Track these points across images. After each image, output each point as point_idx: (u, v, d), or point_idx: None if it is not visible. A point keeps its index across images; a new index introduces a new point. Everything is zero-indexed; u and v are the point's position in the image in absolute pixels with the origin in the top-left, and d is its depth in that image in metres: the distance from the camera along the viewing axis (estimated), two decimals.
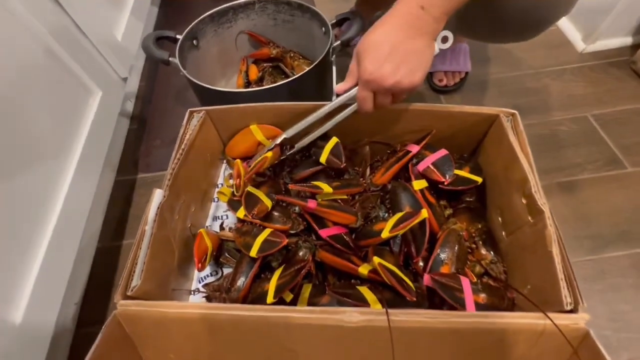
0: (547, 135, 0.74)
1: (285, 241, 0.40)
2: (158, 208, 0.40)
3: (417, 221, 0.38)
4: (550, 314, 0.31)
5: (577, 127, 0.74)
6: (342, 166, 0.47)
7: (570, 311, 0.32)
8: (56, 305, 0.48)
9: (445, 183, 0.44)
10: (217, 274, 0.50)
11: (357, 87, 0.42)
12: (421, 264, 0.41)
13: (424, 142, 0.48)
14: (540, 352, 0.33)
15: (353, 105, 0.45)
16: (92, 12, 0.64)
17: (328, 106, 0.47)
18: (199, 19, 0.72)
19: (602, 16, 0.80)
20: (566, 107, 0.77)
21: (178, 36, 0.68)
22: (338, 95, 0.45)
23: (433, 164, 0.45)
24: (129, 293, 0.35)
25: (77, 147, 0.56)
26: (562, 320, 0.31)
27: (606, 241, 0.59)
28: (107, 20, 0.70)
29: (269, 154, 0.49)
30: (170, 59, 0.65)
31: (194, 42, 0.72)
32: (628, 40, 0.85)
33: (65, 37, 0.58)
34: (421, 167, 0.46)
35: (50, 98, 0.54)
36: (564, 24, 0.91)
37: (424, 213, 0.38)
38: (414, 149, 0.48)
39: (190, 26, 0.70)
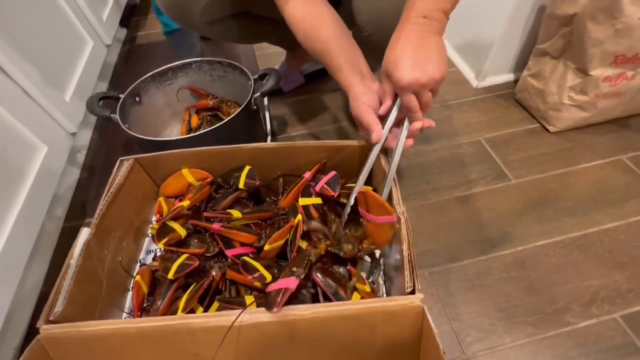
0: (449, 157, 0.87)
1: (197, 263, 0.47)
2: (84, 244, 0.46)
3: (286, 227, 0.47)
4: (394, 297, 0.39)
5: (472, 149, 0.88)
6: (257, 184, 0.57)
7: (412, 293, 0.40)
8: None
9: (335, 196, 0.54)
10: (147, 301, 0.56)
11: (398, 100, 0.48)
12: None
13: (314, 169, 0.59)
14: (399, 329, 0.41)
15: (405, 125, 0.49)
16: (39, 79, 0.73)
17: (382, 138, 0.50)
18: (140, 79, 0.82)
19: (484, 59, 0.98)
20: (464, 133, 0.92)
21: (120, 95, 0.78)
22: (382, 116, 0.50)
23: (326, 183, 0.55)
24: (51, 318, 0.40)
25: (19, 199, 0.62)
26: (404, 301, 0.39)
27: (494, 243, 0.70)
28: (54, 84, 0.79)
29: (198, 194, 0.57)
30: (111, 115, 0.74)
31: (137, 98, 0.82)
32: (510, 77, 1.03)
33: (9, 101, 0.65)
34: (318, 187, 0.56)
35: None
36: (462, 65, 1.09)
37: (295, 220, 0.47)
38: (307, 175, 0.58)
39: (132, 86, 0.80)
